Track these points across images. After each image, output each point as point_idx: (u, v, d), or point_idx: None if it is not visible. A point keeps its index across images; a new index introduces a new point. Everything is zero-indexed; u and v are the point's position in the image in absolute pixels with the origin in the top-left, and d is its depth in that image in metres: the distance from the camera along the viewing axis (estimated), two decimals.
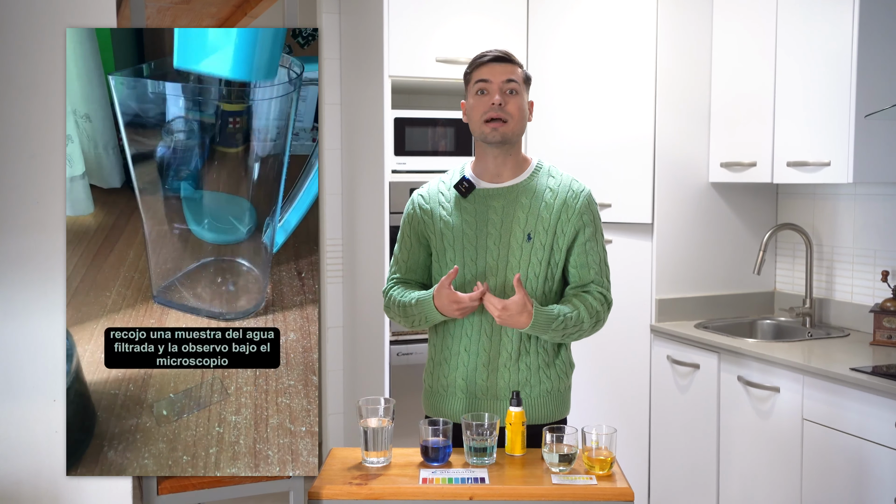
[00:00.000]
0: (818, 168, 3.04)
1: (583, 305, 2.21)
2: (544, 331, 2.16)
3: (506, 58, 2.25)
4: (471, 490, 1.94)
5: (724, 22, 3.47)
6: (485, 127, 2.22)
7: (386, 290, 2.37)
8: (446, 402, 2.31)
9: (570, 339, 2.23)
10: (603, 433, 2.03)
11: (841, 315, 3.39)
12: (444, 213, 2.29)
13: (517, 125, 2.24)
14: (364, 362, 3.89)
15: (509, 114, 2.21)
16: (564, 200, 2.25)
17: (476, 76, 2.25)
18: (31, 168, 1.99)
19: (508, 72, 2.23)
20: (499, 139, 2.22)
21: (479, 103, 2.24)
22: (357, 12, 3.89)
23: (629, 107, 3.51)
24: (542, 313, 2.14)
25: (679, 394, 3.35)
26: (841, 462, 2.67)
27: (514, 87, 2.23)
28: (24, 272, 1.99)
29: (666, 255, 3.50)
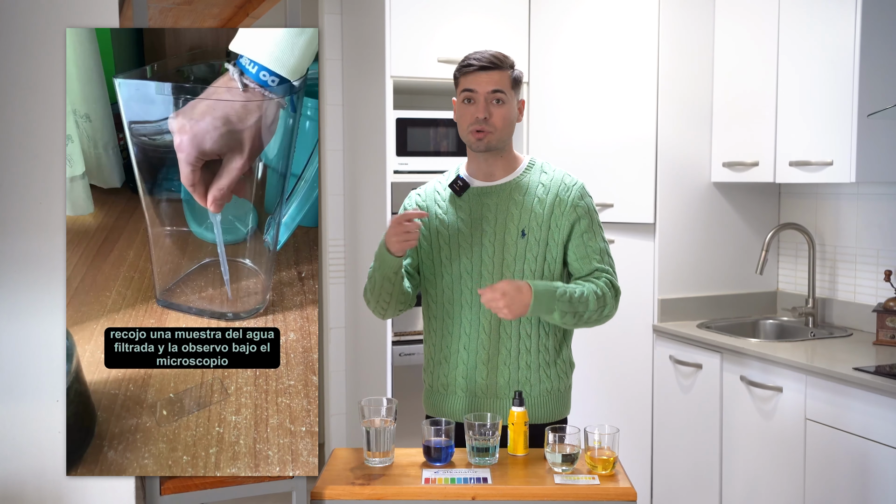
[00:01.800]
0: (821, 168, 3.04)
1: (588, 285, 2.20)
2: (550, 307, 2.11)
3: (493, 65, 2.21)
4: (473, 490, 1.93)
5: (726, 21, 3.46)
6: (470, 136, 2.23)
7: None
8: (447, 401, 2.30)
9: (581, 321, 2.18)
10: (605, 433, 2.02)
11: (844, 315, 3.39)
12: (440, 212, 2.30)
13: (502, 134, 2.23)
14: (366, 363, 3.88)
15: (493, 126, 2.21)
16: (557, 194, 2.25)
17: (463, 83, 2.24)
18: (31, 168, 1.99)
19: (494, 81, 2.20)
20: (483, 148, 2.23)
21: (466, 112, 2.24)
22: (359, 13, 3.89)
23: (631, 106, 3.50)
24: (539, 285, 2.11)
25: (682, 394, 3.34)
26: (844, 462, 2.66)
27: (500, 96, 2.21)
28: (25, 272, 1.99)
29: (668, 255, 3.50)
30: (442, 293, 2.29)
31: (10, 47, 1.96)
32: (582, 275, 2.25)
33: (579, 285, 2.19)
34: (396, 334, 3.57)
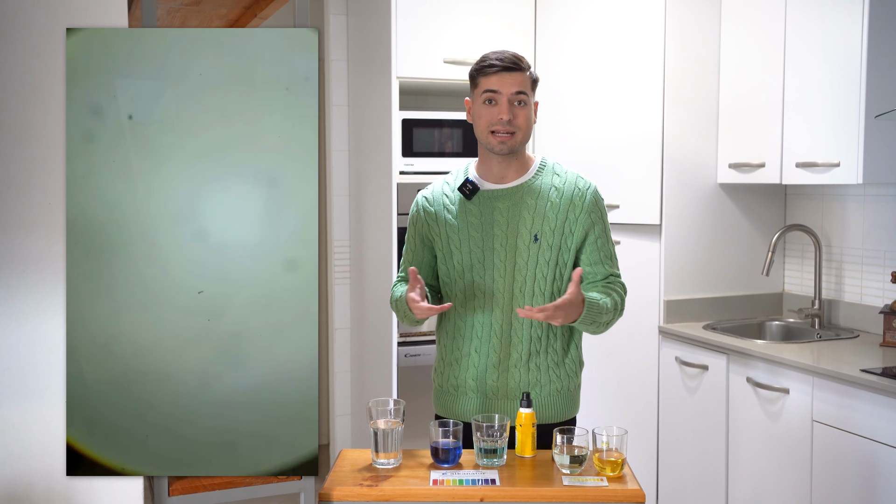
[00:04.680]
0: (827, 169, 3.03)
1: (613, 293, 2.23)
2: (591, 319, 2.15)
3: (515, 66, 2.19)
4: (482, 492, 1.93)
5: (732, 22, 3.46)
6: (491, 138, 2.21)
7: (392, 289, 2.40)
8: (457, 402, 2.31)
9: (600, 329, 2.22)
10: (614, 434, 2.02)
11: (850, 316, 3.38)
12: (450, 217, 2.28)
13: (524, 135, 2.22)
14: (372, 363, 3.88)
15: (517, 126, 2.20)
16: (570, 199, 2.24)
17: (484, 84, 2.21)
18: (31, 168, 1.98)
19: (518, 82, 2.19)
20: (507, 151, 2.22)
21: (487, 113, 2.21)
22: (364, 13, 3.89)
23: (637, 107, 3.50)
24: (591, 300, 2.13)
25: (688, 395, 3.34)
26: (851, 464, 2.66)
27: (523, 98, 2.20)
28: (25, 273, 1.98)
29: (674, 257, 3.49)
30: (454, 297, 2.29)
31: (11, 47, 1.96)
32: (596, 280, 2.25)
33: (608, 295, 2.21)
34: (402, 335, 3.57)
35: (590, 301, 2.13)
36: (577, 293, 2.09)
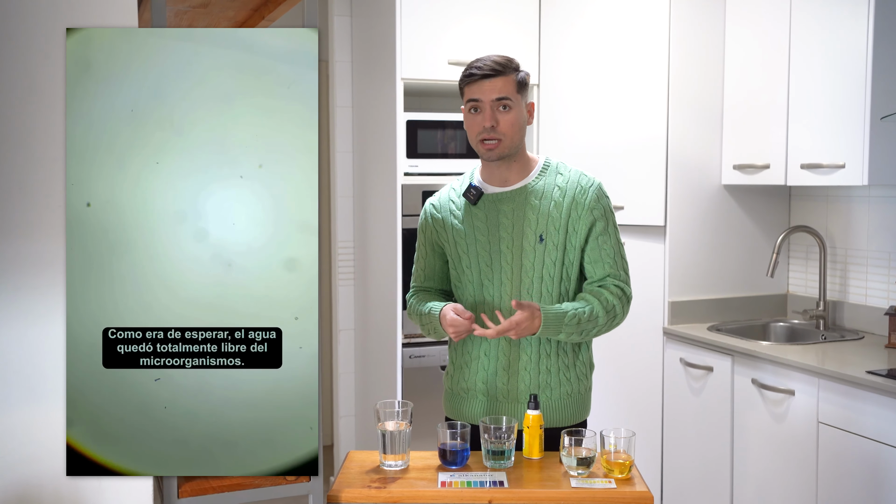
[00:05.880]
0: (832, 170, 3.04)
1: (596, 300, 2.20)
2: (557, 330, 2.15)
3: (495, 72, 2.18)
4: (490, 494, 1.94)
5: (737, 23, 3.46)
6: (480, 146, 2.23)
7: (408, 298, 2.41)
8: (467, 405, 2.31)
9: (589, 336, 2.22)
10: (622, 436, 2.02)
11: (855, 318, 3.38)
12: (456, 222, 2.29)
13: (512, 141, 2.22)
14: (376, 365, 3.88)
15: (502, 133, 2.20)
16: (573, 197, 2.23)
17: (468, 93, 2.23)
18: (31, 168, 1.98)
19: (498, 89, 2.18)
20: (495, 158, 2.23)
21: (473, 122, 2.23)
22: (369, 15, 3.89)
23: (641, 109, 3.50)
24: (549, 311, 2.13)
25: (692, 396, 3.34)
26: (857, 465, 2.66)
27: (506, 102, 2.19)
28: (25, 274, 1.98)
29: (678, 258, 3.50)
30: (464, 300, 2.30)
31: (11, 47, 1.96)
32: (593, 279, 2.25)
33: (589, 304, 2.20)
34: (406, 336, 3.57)
35: (554, 313, 2.14)
36: (527, 313, 2.12)
